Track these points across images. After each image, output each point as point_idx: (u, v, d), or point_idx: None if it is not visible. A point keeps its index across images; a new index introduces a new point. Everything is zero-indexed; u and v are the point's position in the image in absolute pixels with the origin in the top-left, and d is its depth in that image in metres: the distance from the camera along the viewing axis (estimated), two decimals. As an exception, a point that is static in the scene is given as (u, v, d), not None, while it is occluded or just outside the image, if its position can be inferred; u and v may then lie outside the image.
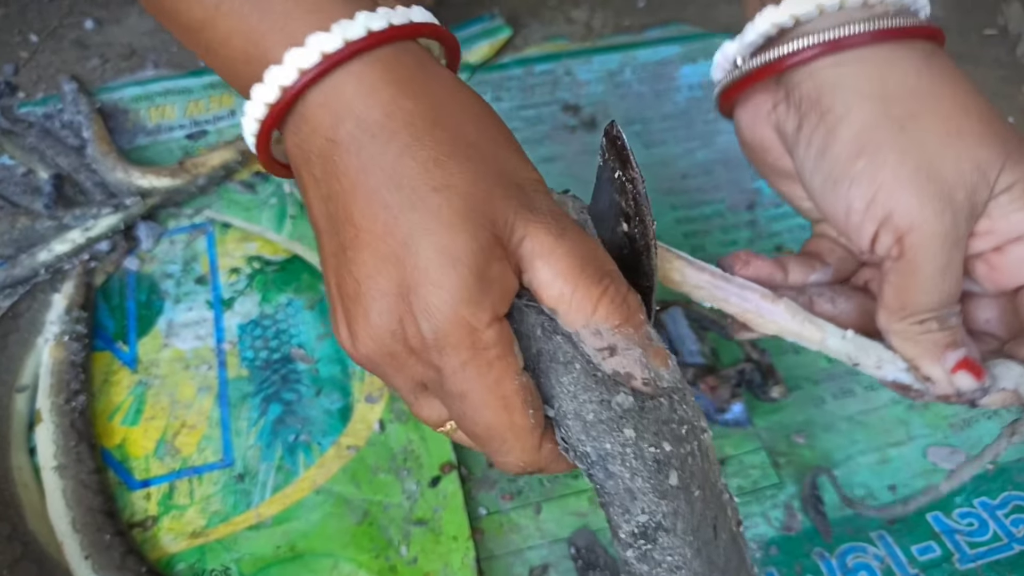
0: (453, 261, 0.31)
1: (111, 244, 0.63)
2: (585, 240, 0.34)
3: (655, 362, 0.33)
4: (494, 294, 0.32)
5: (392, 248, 0.31)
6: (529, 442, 0.34)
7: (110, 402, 0.57)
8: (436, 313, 0.31)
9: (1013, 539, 0.50)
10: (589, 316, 0.33)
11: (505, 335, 0.32)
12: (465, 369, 0.32)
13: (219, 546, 0.51)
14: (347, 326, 0.33)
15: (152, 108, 0.72)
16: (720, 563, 0.34)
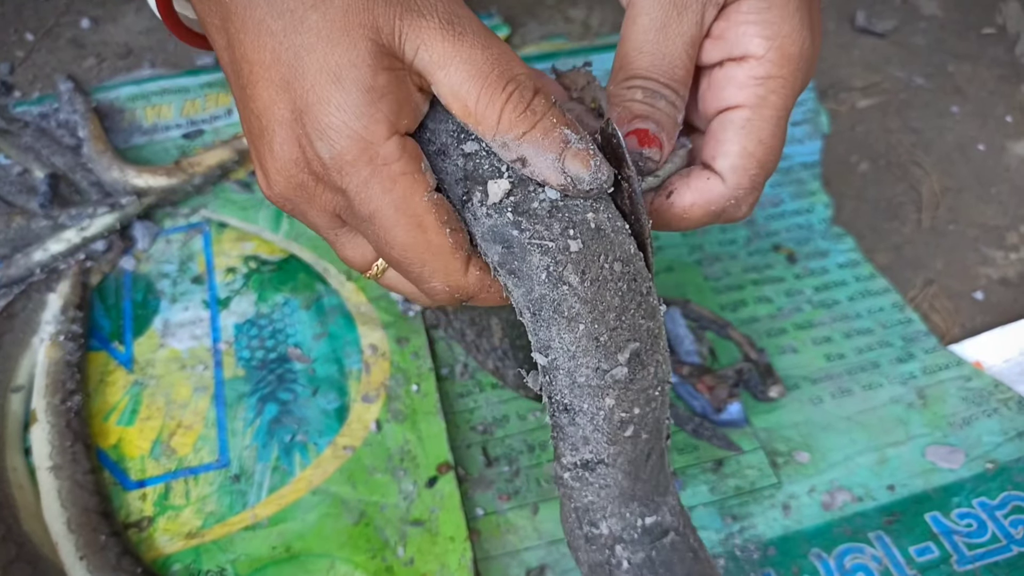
0: (335, 76, 0.30)
1: (107, 244, 0.62)
2: (488, 42, 0.32)
3: (573, 164, 0.31)
4: (386, 106, 0.31)
5: (281, 74, 0.31)
6: (451, 264, 0.33)
7: (106, 402, 0.57)
8: (328, 131, 0.31)
9: (1012, 540, 0.50)
10: (495, 128, 0.32)
11: (409, 151, 0.32)
12: (368, 187, 0.31)
13: (215, 547, 0.51)
14: (259, 166, 0.33)
15: (148, 107, 0.72)
16: (644, 476, 0.35)
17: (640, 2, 0.37)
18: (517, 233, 0.32)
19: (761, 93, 0.36)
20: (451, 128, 0.34)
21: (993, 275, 0.66)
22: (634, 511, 0.35)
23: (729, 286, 0.64)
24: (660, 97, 0.37)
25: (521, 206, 0.32)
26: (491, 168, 0.33)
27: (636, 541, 0.35)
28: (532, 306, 0.33)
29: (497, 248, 0.33)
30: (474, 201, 0.33)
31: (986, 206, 0.70)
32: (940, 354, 0.60)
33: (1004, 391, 0.57)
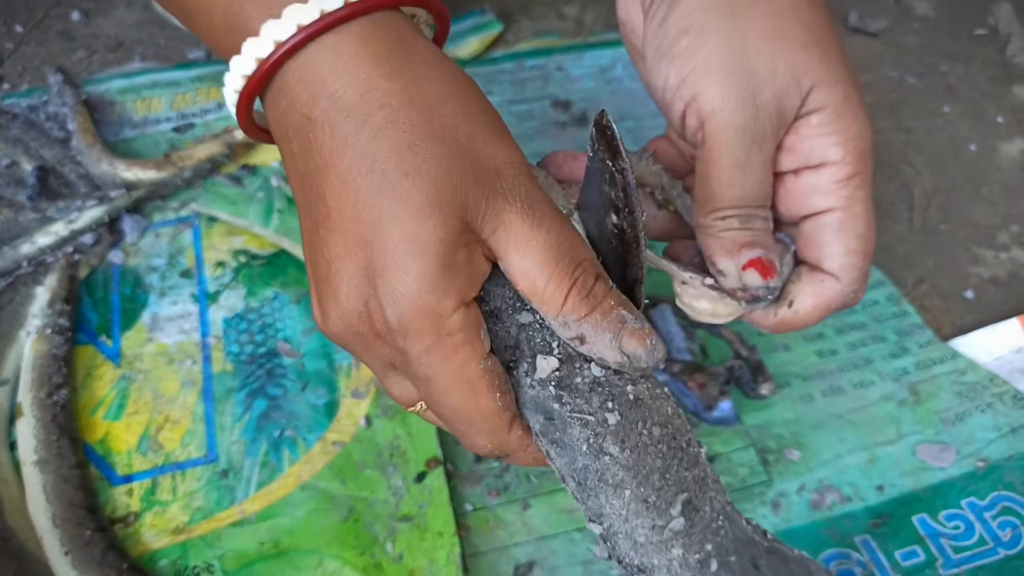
0: (419, 248, 0.31)
1: (95, 237, 0.62)
2: (561, 230, 0.33)
3: (629, 344, 0.33)
4: (460, 280, 0.32)
5: (361, 232, 0.31)
6: (497, 425, 0.34)
7: (92, 396, 0.56)
8: (400, 299, 0.31)
9: (999, 543, 0.50)
10: (559, 308, 0.33)
11: (471, 320, 0.32)
12: (429, 354, 0.32)
13: (202, 542, 0.50)
14: (318, 303, 0.34)
15: (138, 100, 0.71)
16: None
17: (718, 144, 0.38)
18: (558, 406, 0.34)
19: (847, 193, 0.39)
20: (508, 295, 0.35)
21: (984, 274, 0.66)
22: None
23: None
24: (755, 219, 0.39)
25: (564, 381, 0.34)
26: (542, 342, 0.34)
27: None
28: (576, 475, 0.34)
29: (539, 418, 0.35)
30: (520, 370, 0.35)
31: (977, 206, 0.70)
32: (934, 348, 0.60)
33: (999, 385, 0.57)
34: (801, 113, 0.38)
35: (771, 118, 0.37)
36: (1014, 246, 0.68)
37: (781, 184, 0.40)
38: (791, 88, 0.37)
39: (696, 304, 0.41)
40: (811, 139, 0.38)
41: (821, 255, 0.40)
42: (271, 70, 0.32)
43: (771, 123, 0.38)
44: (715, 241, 0.39)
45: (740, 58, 0.37)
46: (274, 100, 0.33)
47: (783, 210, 0.41)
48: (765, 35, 0.37)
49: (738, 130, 0.37)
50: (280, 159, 0.67)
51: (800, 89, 0.37)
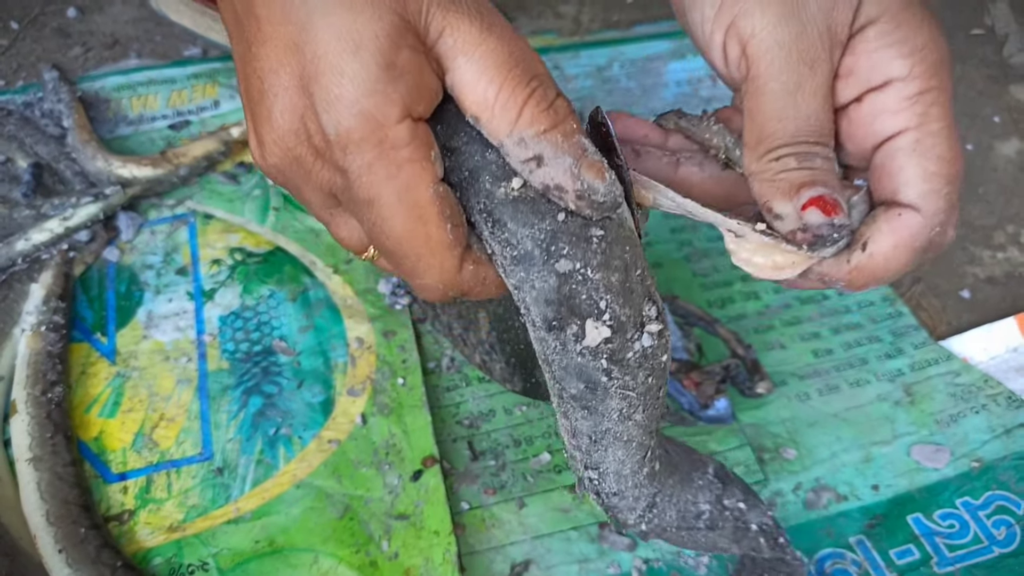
0: (354, 46, 0.28)
1: (91, 234, 0.62)
2: (514, 37, 0.30)
3: (588, 173, 0.30)
4: (404, 86, 0.29)
5: (291, 35, 0.29)
6: (448, 260, 0.31)
7: (87, 394, 0.56)
8: (337, 104, 0.28)
9: (993, 541, 0.50)
10: (513, 122, 0.30)
11: (420, 136, 0.30)
12: (371, 171, 0.29)
13: (197, 540, 0.50)
14: (255, 133, 0.31)
15: (134, 98, 0.71)
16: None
17: (763, 71, 0.34)
18: (606, 379, 0.32)
19: (920, 110, 0.34)
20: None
21: (980, 274, 0.66)
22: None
23: (717, 282, 0.64)
24: (815, 157, 0.34)
25: (616, 355, 0.32)
26: (588, 300, 0.31)
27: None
28: (595, 435, 0.34)
29: (578, 384, 0.33)
30: (567, 333, 0.32)
31: (973, 206, 0.70)
32: (929, 349, 0.60)
33: (993, 386, 0.57)
34: (856, 28, 0.34)
35: (821, 35, 0.33)
36: (1010, 246, 0.68)
37: (844, 117, 0.36)
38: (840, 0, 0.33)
39: (754, 259, 0.35)
40: (870, 55, 0.34)
41: (896, 185, 0.34)
42: None
43: (821, 41, 0.33)
44: (769, 185, 0.34)
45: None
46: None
47: (851, 147, 0.36)
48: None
49: (784, 49, 0.33)
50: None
51: (850, 1, 0.33)
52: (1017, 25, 0.82)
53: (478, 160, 0.31)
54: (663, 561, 0.50)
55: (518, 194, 0.31)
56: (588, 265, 0.31)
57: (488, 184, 0.31)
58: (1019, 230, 0.69)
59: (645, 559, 0.50)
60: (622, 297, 0.31)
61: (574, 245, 0.31)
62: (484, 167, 0.31)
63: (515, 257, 0.31)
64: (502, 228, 0.31)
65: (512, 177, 0.31)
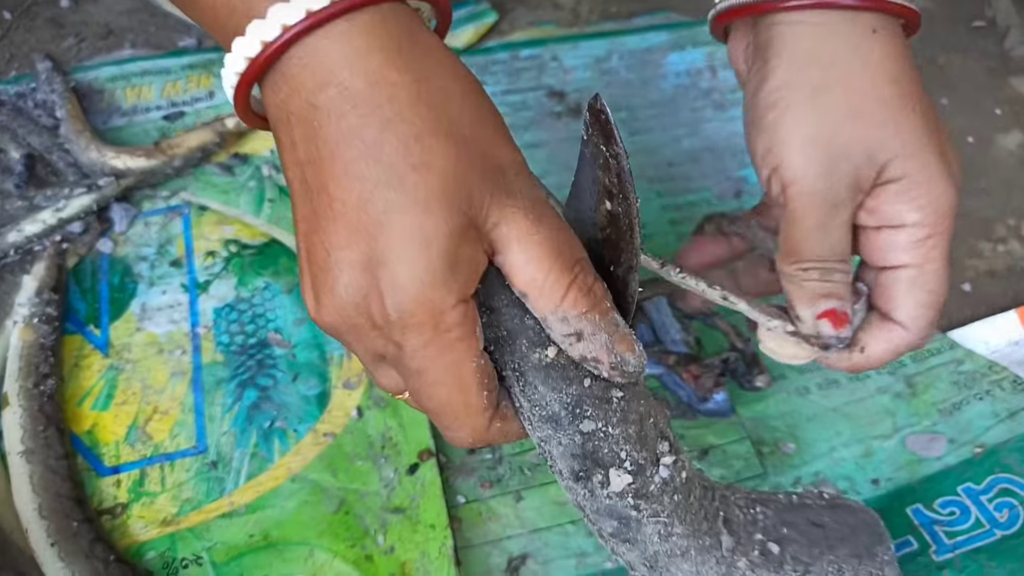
0: (425, 242, 0.31)
1: (84, 225, 0.61)
2: (560, 228, 0.34)
3: (620, 347, 0.34)
4: (462, 276, 0.32)
5: (365, 222, 0.31)
6: (480, 421, 0.35)
7: (80, 386, 0.55)
8: (402, 292, 0.31)
9: (995, 525, 0.50)
10: (558, 304, 0.33)
11: (469, 317, 0.33)
12: (426, 349, 0.32)
13: (190, 534, 0.50)
14: (313, 293, 0.33)
15: (129, 88, 0.70)
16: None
17: (798, 208, 0.41)
18: (636, 513, 0.35)
19: (923, 252, 0.41)
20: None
21: (981, 267, 0.66)
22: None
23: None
24: (835, 272, 0.41)
25: (640, 492, 0.35)
26: (610, 452, 0.35)
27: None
28: (648, 561, 0.37)
29: (612, 522, 0.36)
30: (594, 481, 0.35)
31: (974, 198, 0.70)
32: (931, 339, 0.59)
33: (998, 371, 0.57)
34: (879, 182, 0.41)
35: (847, 188, 0.40)
36: (1012, 239, 0.67)
37: (864, 235, 0.43)
38: (865, 163, 0.40)
39: (779, 349, 0.44)
40: (889, 204, 0.41)
41: (893, 306, 0.42)
42: (276, 54, 0.31)
43: (847, 192, 0.40)
44: (796, 288, 0.42)
45: (819, 135, 0.40)
46: (275, 86, 0.32)
47: (865, 257, 0.44)
48: (843, 114, 0.40)
49: (816, 197, 0.40)
50: (273, 147, 0.67)
51: (874, 163, 0.40)
52: (1019, 17, 0.81)
53: (516, 324, 0.35)
54: (661, 555, 0.49)
55: (551, 361, 0.35)
56: (609, 423, 0.35)
57: (524, 348, 0.35)
58: (1020, 223, 0.68)
59: (643, 553, 0.49)
60: (639, 444, 0.35)
61: (596, 407, 0.35)
62: (522, 331, 0.35)
63: (543, 416, 0.35)
64: (533, 390, 0.35)
65: (548, 346, 0.35)
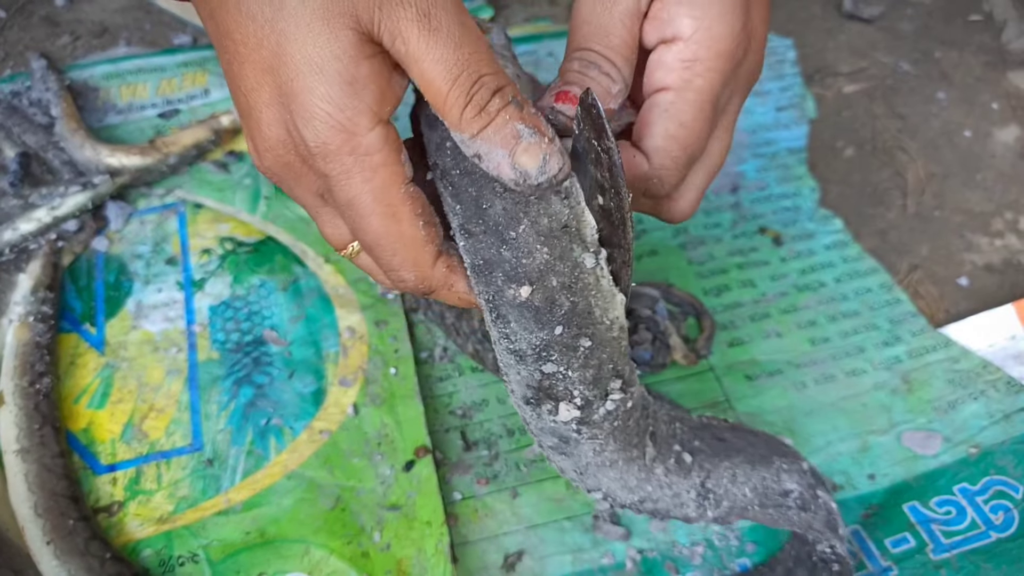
0: (318, 67, 0.31)
1: (79, 224, 0.61)
2: (461, 39, 0.31)
3: (523, 159, 0.32)
4: (369, 96, 0.31)
5: (265, 59, 0.31)
6: (421, 255, 0.34)
7: (76, 385, 0.55)
8: (312, 119, 0.31)
9: (991, 526, 0.50)
10: (457, 126, 0.32)
11: (390, 141, 0.32)
12: (349, 176, 0.32)
13: (187, 532, 0.49)
14: (250, 140, 0.34)
15: (123, 86, 0.70)
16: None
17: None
18: (576, 435, 0.37)
19: (686, 76, 0.37)
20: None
21: (978, 261, 0.65)
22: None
23: (713, 270, 0.63)
24: (593, 67, 0.37)
25: (583, 420, 0.36)
26: (564, 390, 0.36)
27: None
28: (579, 469, 0.39)
29: (552, 439, 0.38)
30: (542, 408, 0.36)
31: (971, 192, 0.70)
32: (927, 336, 0.59)
33: (992, 372, 0.57)
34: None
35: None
36: (1008, 232, 0.67)
37: (646, 60, 0.38)
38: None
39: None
40: (670, 6, 0.36)
41: (643, 134, 0.38)
42: None
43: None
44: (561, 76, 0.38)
45: None
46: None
47: (644, 89, 0.39)
48: None
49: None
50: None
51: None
52: (1015, 11, 0.81)
53: (494, 254, 0.34)
54: (658, 551, 0.49)
55: (524, 301, 0.34)
56: (570, 368, 0.35)
57: (500, 281, 0.34)
58: (1017, 217, 0.68)
59: (639, 549, 0.49)
60: (592, 384, 0.36)
61: (563, 354, 0.35)
62: (499, 264, 0.34)
63: (509, 348, 0.35)
64: (505, 323, 0.35)
65: (523, 284, 0.34)
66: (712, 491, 0.41)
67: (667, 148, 0.37)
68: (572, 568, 0.49)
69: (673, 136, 0.37)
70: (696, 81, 0.36)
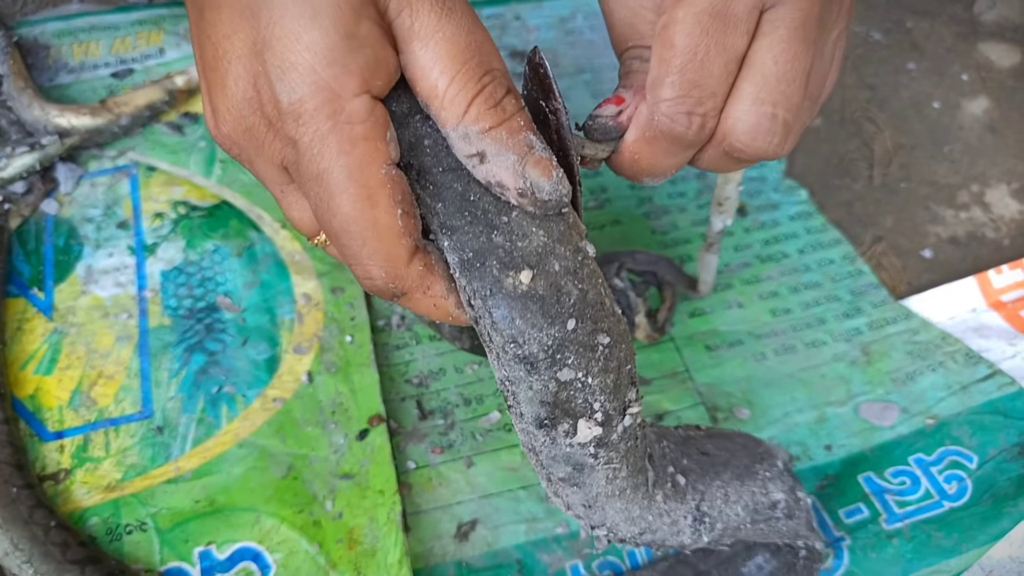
0: (313, 11, 0.27)
1: (27, 185, 0.59)
2: (473, 26, 0.29)
3: (533, 172, 0.29)
4: (363, 58, 0.28)
5: (247, 2, 0.28)
6: (395, 249, 0.30)
7: (23, 350, 0.54)
8: (292, 72, 0.27)
9: (944, 496, 0.50)
10: (460, 117, 0.29)
11: (377, 114, 0.29)
12: (323, 143, 0.28)
13: (135, 500, 0.49)
14: (209, 102, 0.30)
15: (75, 44, 0.68)
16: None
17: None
18: (592, 461, 0.33)
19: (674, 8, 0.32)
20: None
21: (943, 234, 0.65)
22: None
23: (677, 240, 0.62)
24: (636, 60, 0.35)
25: (602, 441, 0.33)
26: (583, 403, 0.32)
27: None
28: (588, 502, 0.35)
29: (566, 468, 0.34)
30: (558, 430, 0.32)
31: (938, 164, 0.69)
32: (888, 307, 0.59)
33: (952, 343, 0.57)
34: None
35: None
36: (974, 206, 0.67)
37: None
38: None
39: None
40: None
41: (646, 78, 0.33)
42: None
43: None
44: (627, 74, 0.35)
45: None
46: None
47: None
48: None
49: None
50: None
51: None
52: (989, -19, 0.80)
53: (484, 242, 0.30)
54: (612, 520, 0.49)
55: (527, 289, 0.30)
56: (589, 373, 0.31)
57: (495, 271, 0.30)
58: (983, 190, 0.68)
59: (594, 519, 0.49)
60: (613, 394, 0.32)
61: (580, 355, 0.31)
62: (491, 251, 0.30)
63: (517, 356, 0.31)
64: (508, 323, 0.30)
65: (521, 269, 0.30)
66: (707, 514, 0.38)
67: (662, 76, 0.32)
68: (526, 538, 0.49)
69: (666, 60, 0.32)
70: (680, 11, 0.32)
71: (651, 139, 0.34)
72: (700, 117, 0.32)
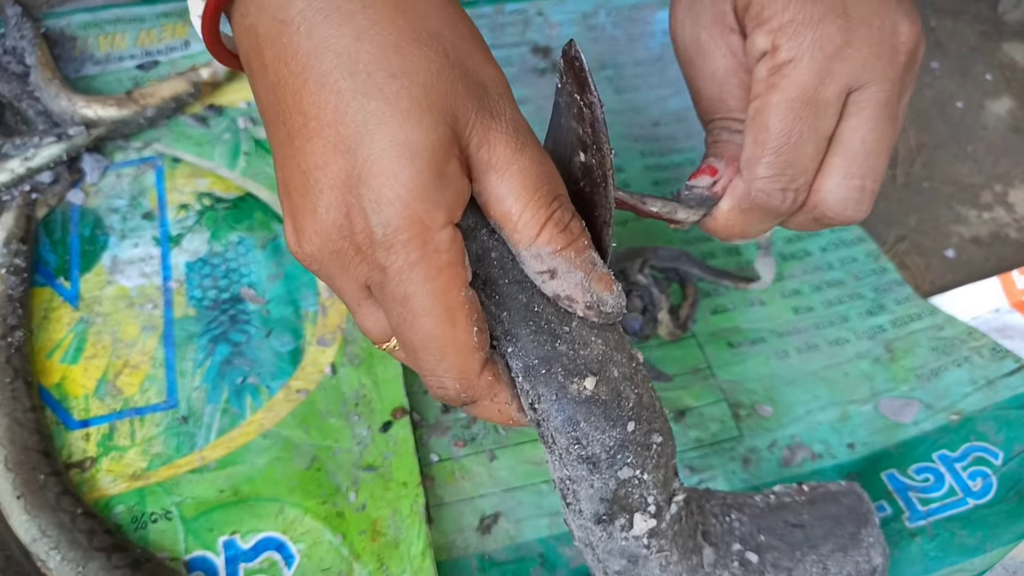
0: (410, 153, 0.29)
1: (54, 176, 0.60)
2: (542, 159, 0.32)
3: (598, 287, 0.32)
4: (451, 193, 0.30)
5: (343, 137, 0.29)
6: (469, 363, 0.32)
7: (49, 339, 0.54)
8: (387, 206, 0.29)
9: (968, 493, 0.50)
10: (533, 239, 0.32)
11: (458, 242, 0.31)
12: (413, 270, 0.30)
13: (160, 489, 0.49)
14: (292, 221, 0.32)
15: (101, 36, 0.68)
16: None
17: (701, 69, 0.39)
18: (646, 552, 0.35)
19: (773, 82, 0.36)
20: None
21: (965, 233, 0.65)
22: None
23: (699, 236, 0.62)
24: (725, 131, 0.39)
25: (655, 531, 0.35)
26: (639, 498, 0.34)
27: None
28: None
29: (621, 562, 0.35)
30: (615, 525, 0.34)
31: (961, 164, 0.69)
32: (912, 304, 0.59)
33: (978, 338, 0.57)
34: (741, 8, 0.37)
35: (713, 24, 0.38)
36: (997, 206, 0.67)
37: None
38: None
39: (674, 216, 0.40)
40: (752, 31, 0.37)
41: (741, 153, 0.38)
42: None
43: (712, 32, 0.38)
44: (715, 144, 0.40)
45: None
46: (243, 10, 0.31)
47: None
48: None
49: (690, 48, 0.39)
50: (250, 99, 0.65)
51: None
52: (1013, -19, 0.80)
53: (548, 351, 0.33)
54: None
55: (591, 394, 0.33)
56: (645, 470, 0.34)
57: (560, 377, 0.33)
58: (1007, 190, 0.68)
59: (616, 513, 0.49)
60: (663, 487, 0.35)
61: (638, 455, 0.33)
62: (555, 359, 0.33)
63: (581, 456, 0.33)
64: (573, 426, 0.33)
65: (585, 376, 0.33)
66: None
67: (757, 157, 0.36)
68: (549, 532, 0.49)
69: (761, 143, 0.36)
70: (784, 82, 0.35)
71: (746, 210, 0.38)
72: (793, 192, 0.37)
